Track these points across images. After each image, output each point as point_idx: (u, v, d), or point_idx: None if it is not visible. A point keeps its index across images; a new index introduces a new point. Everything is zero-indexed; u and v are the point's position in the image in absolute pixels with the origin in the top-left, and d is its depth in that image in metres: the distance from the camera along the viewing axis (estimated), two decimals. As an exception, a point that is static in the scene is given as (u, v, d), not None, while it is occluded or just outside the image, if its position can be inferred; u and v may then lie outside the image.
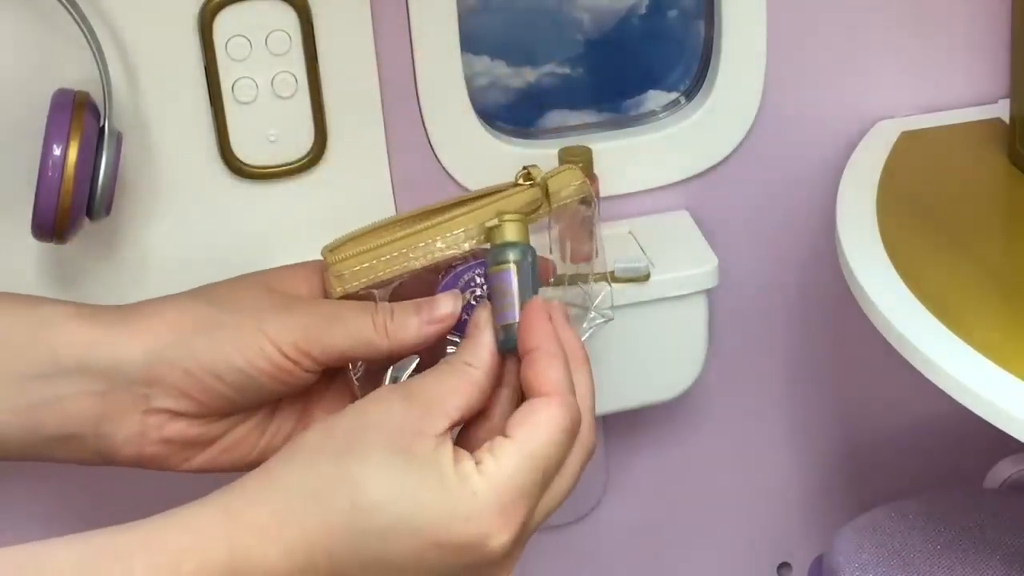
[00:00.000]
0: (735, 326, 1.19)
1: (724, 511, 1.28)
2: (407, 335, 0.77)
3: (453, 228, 0.79)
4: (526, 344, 0.73)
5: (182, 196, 1.02)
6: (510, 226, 0.76)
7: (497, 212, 0.76)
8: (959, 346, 0.88)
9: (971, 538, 1.05)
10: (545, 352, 0.73)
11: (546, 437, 0.70)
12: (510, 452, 0.70)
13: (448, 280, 0.79)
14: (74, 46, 0.93)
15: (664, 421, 1.22)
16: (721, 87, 1.10)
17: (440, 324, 0.77)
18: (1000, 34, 1.13)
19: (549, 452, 0.71)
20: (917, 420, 1.26)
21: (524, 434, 0.70)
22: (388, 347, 0.77)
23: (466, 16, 1.05)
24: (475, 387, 0.73)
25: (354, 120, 1.03)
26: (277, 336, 0.77)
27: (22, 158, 0.94)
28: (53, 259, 1.00)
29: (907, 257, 0.98)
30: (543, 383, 0.72)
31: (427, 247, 0.79)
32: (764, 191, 1.15)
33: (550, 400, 0.71)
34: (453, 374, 0.73)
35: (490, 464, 0.69)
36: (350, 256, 0.80)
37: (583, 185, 0.83)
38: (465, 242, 0.79)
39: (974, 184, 1.09)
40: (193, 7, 0.97)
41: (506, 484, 0.69)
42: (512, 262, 0.75)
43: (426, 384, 0.72)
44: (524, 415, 0.71)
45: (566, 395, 0.72)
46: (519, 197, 0.80)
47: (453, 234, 0.79)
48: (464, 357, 0.74)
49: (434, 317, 0.77)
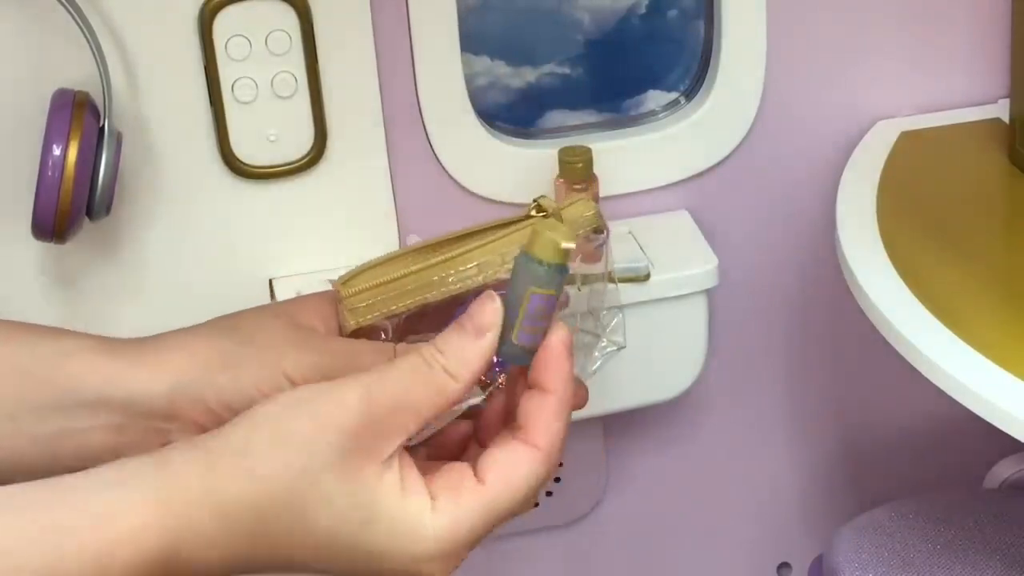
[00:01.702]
0: (735, 326, 1.19)
1: (724, 511, 1.28)
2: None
3: (467, 262, 0.79)
4: (542, 382, 0.72)
5: (182, 196, 1.02)
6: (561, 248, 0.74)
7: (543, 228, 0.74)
8: (959, 346, 0.88)
9: (971, 538, 1.05)
10: (558, 399, 0.70)
11: (520, 492, 0.69)
12: (477, 498, 0.68)
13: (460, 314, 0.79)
14: (74, 46, 0.93)
15: (664, 421, 1.22)
16: (721, 87, 1.10)
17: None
18: (1000, 34, 1.13)
19: (515, 505, 0.69)
20: (917, 420, 1.26)
21: (499, 484, 0.68)
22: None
23: (466, 16, 1.05)
24: (447, 402, 0.69)
25: (354, 120, 1.03)
26: (295, 374, 0.76)
27: (22, 158, 0.94)
28: (53, 259, 1.00)
29: (907, 257, 0.98)
30: (541, 435, 0.69)
31: (440, 281, 0.79)
32: (764, 191, 1.15)
33: (536, 455, 0.69)
34: (427, 386, 0.69)
35: (449, 507, 0.67)
36: (364, 290, 0.80)
37: (595, 216, 0.83)
38: (479, 275, 0.79)
39: (974, 184, 1.09)
40: (193, 7, 0.97)
41: (462, 532, 0.67)
42: (557, 290, 0.73)
43: (391, 388, 0.68)
44: (506, 463, 0.69)
45: (554, 453, 0.70)
46: (532, 229, 0.80)
47: (467, 268, 0.79)
48: (449, 365, 0.69)
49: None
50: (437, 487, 0.69)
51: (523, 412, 0.71)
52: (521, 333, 0.71)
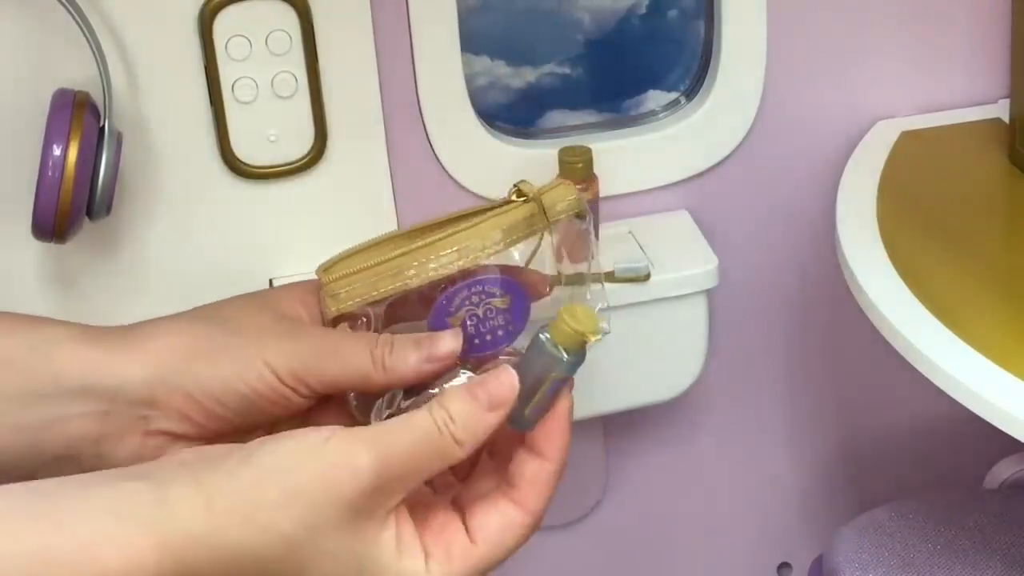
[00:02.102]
0: (735, 326, 1.19)
1: (724, 511, 1.28)
2: (405, 371, 0.76)
3: (447, 247, 0.79)
4: (544, 450, 0.73)
5: (182, 196, 1.02)
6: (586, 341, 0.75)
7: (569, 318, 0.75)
8: (959, 346, 0.88)
9: (971, 538, 1.05)
10: (556, 468, 0.73)
11: (507, 552, 0.72)
12: (467, 558, 0.70)
13: (440, 304, 0.79)
14: (74, 46, 0.93)
15: (664, 421, 1.22)
16: (721, 87, 1.10)
17: (439, 363, 0.76)
18: (1000, 34, 1.13)
19: (502, 560, 0.72)
20: (917, 420, 1.26)
21: (489, 545, 0.71)
22: (385, 381, 0.76)
23: (466, 16, 1.05)
24: (448, 464, 0.71)
25: (354, 120, 1.03)
26: (276, 363, 0.77)
27: (22, 158, 0.94)
28: (53, 259, 1.00)
29: (907, 257, 0.98)
30: (533, 500, 0.72)
31: (421, 267, 0.79)
32: (764, 191, 1.15)
33: (527, 520, 0.72)
34: (434, 449, 0.70)
35: (442, 567, 0.70)
36: (344, 276, 0.80)
37: (578, 200, 0.83)
38: (459, 260, 0.79)
39: (974, 184, 1.09)
40: (193, 7, 0.97)
41: None
42: (572, 373, 0.75)
43: (401, 455, 0.69)
44: (499, 527, 0.72)
45: (541, 515, 0.73)
46: (513, 214, 0.80)
47: (447, 253, 0.79)
48: (457, 433, 0.70)
49: (433, 355, 0.76)
50: (431, 544, 0.71)
51: (519, 474, 0.73)
52: (534, 410, 0.73)
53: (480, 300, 0.79)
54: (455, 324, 0.78)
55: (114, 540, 0.65)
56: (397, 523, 0.69)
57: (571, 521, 1.24)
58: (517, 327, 0.79)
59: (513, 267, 0.79)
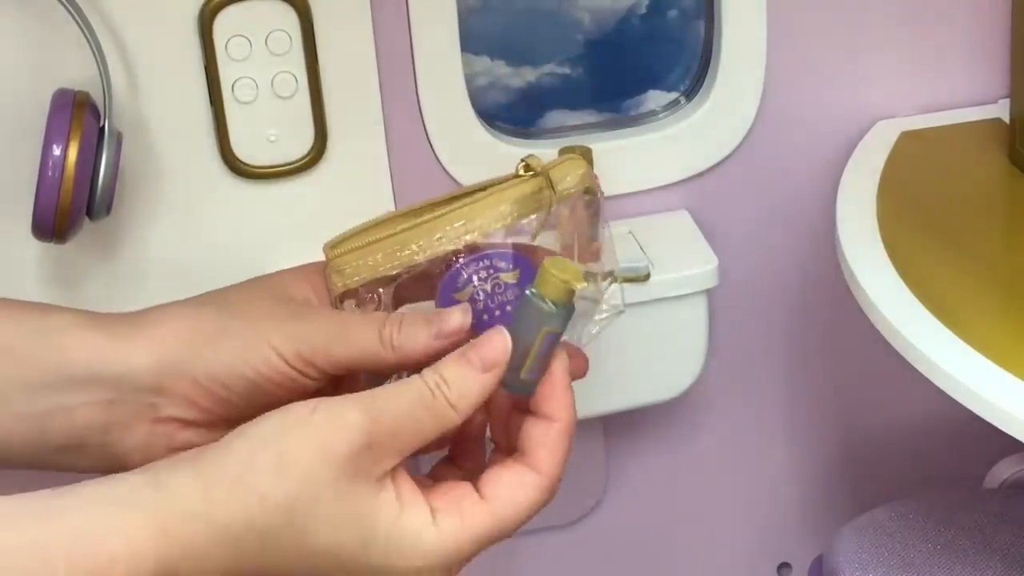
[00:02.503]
0: (735, 326, 1.19)
1: (724, 511, 1.28)
2: (414, 349, 0.74)
3: (453, 221, 0.78)
4: (547, 411, 0.72)
5: (182, 196, 1.02)
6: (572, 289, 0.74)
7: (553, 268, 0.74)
8: (959, 346, 0.88)
9: (971, 538, 1.05)
10: (563, 427, 0.72)
11: (521, 514, 0.70)
12: (479, 516, 0.69)
13: (447, 279, 0.78)
14: (74, 46, 0.93)
15: (664, 421, 1.22)
16: (721, 87, 1.10)
17: (448, 339, 0.74)
18: (1000, 34, 1.13)
19: (516, 523, 0.70)
20: (917, 420, 1.26)
21: (501, 505, 0.69)
22: (394, 360, 0.75)
23: (466, 16, 1.05)
24: (444, 429, 0.70)
25: (354, 120, 1.03)
26: (282, 346, 0.76)
27: (22, 158, 0.94)
28: (53, 259, 1.00)
29: (907, 257, 0.98)
30: (544, 461, 0.71)
31: (427, 241, 0.78)
32: (764, 191, 1.15)
33: (539, 481, 0.70)
34: (427, 411, 0.70)
35: (451, 519, 0.68)
36: (350, 251, 0.80)
37: (586, 175, 0.82)
38: (465, 235, 0.78)
39: (974, 184, 1.09)
40: (193, 7, 0.97)
41: (465, 542, 0.68)
42: (564, 327, 0.73)
43: (391, 415, 0.69)
44: (510, 484, 0.70)
45: (555, 480, 0.71)
46: (520, 188, 0.79)
47: (453, 227, 0.78)
48: (451, 396, 0.70)
49: (442, 332, 0.74)
50: (437, 502, 0.69)
51: (526, 438, 0.72)
52: (530, 372, 0.72)
53: (488, 275, 0.78)
54: (462, 299, 0.77)
55: (115, 528, 0.65)
56: (395, 483, 0.68)
57: (571, 521, 1.24)
58: None
59: (521, 243, 0.78)
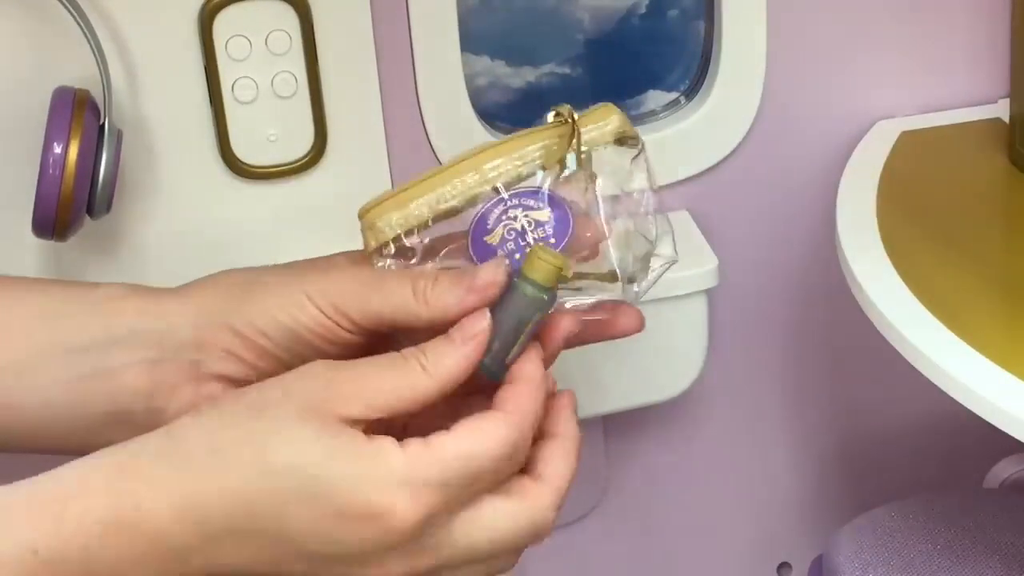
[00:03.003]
0: (735, 326, 1.19)
1: (724, 511, 1.28)
2: (448, 304, 0.73)
3: (485, 162, 0.77)
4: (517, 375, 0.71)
5: (182, 195, 1.02)
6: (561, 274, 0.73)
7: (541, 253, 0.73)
8: (959, 346, 0.88)
9: (971, 538, 1.05)
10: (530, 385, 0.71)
11: (487, 446, 0.68)
12: (443, 442, 0.67)
13: (478, 221, 0.76)
14: (74, 45, 0.93)
15: (664, 421, 1.22)
16: (721, 87, 1.10)
17: (483, 293, 0.72)
18: (1000, 34, 1.13)
19: (484, 463, 0.68)
20: (917, 420, 1.26)
21: (465, 433, 0.68)
22: (429, 315, 0.73)
23: (466, 16, 1.05)
24: (416, 397, 0.69)
25: (354, 120, 1.03)
26: (317, 296, 0.76)
27: (22, 156, 0.94)
28: (53, 257, 1.00)
29: (907, 257, 0.98)
30: (506, 402, 0.70)
31: (458, 184, 0.77)
32: (764, 191, 1.15)
33: (506, 417, 0.69)
34: (399, 373, 0.70)
35: (417, 445, 0.67)
36: (380, 203, 0.79)
37: (618, 127, 0.80)
38: (498, 178, 0.77)
39: (974, 184, 1.09)
40: (193, 7, 0.97)
41: (428, 466, 0.67)
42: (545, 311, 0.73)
43: (363, 370, 0.69)
44: (472, 419, 0.69)
45: (524, 421, 0.69)
46: (551, 131, 0.78)
47: (482, 170, 0.77)
48: (425, 359, 0.70)
49: (475, 285, 0.72)
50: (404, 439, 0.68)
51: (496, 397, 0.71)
52: (515, 357, 0.72)
53: (518, 214, 0.77)
54: (493, 241, 0.76)
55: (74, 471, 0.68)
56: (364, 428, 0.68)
57: (571, 521, 1.24)
58: (560, 238, 0.76)
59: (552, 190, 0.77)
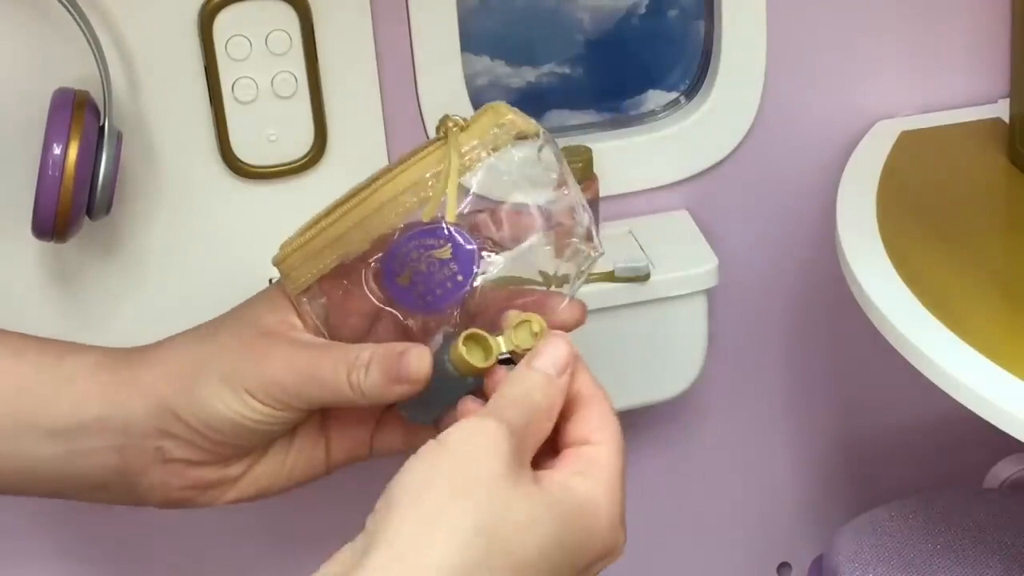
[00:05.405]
0: (735, 326, 1.19)
1: (724, 511, 1.28)
2: (382, 394, 0.76)
3: (385, 198, 0.77)
4: None
5: (182, 196, 1.02)
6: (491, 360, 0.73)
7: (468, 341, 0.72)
8: (959, 346, 0.88)
9: (971, 538, 1.05)
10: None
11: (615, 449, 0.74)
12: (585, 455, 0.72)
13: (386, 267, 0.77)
14: (74, 46, 0.93)
15: (664, 421, 1.22)
16: (721, 87, 1.10)
17: (413, 385, 0.75)
18: (1000, 34, 1.13)
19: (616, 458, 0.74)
20: (917, 420, 1.26)
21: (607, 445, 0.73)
22: (365, 402, 0.77)
23: (466, 16, 1.05)
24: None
25: (354, 120, 1.03)
26: (257, 392, 0.78)
27: (22, 157, 0.94)
28: (53, 258, 1.00)
29: (907, 257, 0.98)
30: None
31: (365, 226, 0.78)
32: (764, 191, 1.15)
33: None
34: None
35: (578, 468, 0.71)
36: (290, 253, 0.81)
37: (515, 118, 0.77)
38: (398, 218, 0.77)
39: (974, 184, 1.09)
40: (193, 7, 0.97)
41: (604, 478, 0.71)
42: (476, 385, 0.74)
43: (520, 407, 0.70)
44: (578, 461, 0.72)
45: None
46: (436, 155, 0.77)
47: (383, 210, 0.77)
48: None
49: (403, 377, 0.75)
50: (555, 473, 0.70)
51: None
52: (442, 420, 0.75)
53: (419, 255, 0.76)
54: (403, 283, 0.77)
55: None
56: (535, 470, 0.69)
57: (571, 521, 1.23)
58: (465, 274, 0.76)
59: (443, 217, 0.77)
